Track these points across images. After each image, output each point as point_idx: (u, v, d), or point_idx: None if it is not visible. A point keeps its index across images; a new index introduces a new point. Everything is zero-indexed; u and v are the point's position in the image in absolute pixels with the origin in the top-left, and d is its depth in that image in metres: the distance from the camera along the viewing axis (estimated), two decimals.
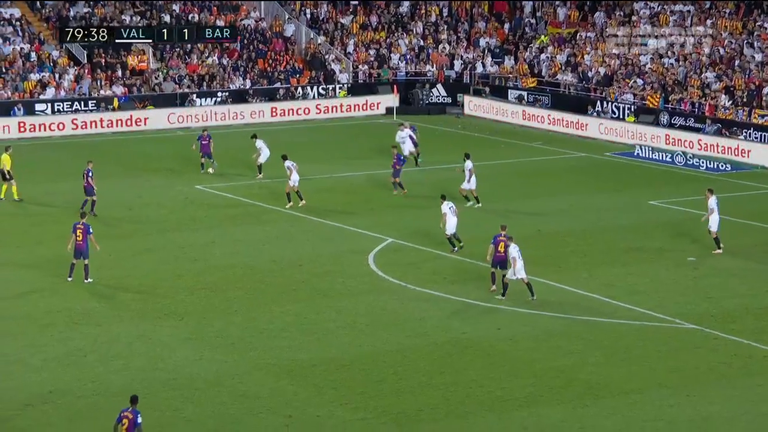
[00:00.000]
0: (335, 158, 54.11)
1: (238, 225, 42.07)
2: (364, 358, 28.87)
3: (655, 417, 25.30)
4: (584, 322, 31.55)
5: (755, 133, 55.63)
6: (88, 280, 34.57)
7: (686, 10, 67.90)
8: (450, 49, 72.33)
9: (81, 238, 34.42)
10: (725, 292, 34.19)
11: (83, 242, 34.40)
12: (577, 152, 57.12)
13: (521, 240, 38.01)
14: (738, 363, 28.69)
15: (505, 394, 26.59)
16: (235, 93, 66.28)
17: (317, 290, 34.37)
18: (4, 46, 65.35)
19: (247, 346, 29.51)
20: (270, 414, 25.41)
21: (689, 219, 43.16)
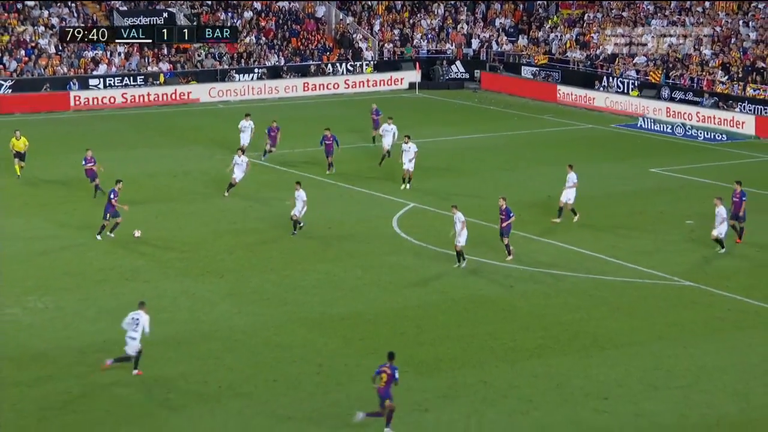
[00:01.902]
0: (361, 129, 53.96)
1: (272, 191, 42.08)
2: (388, 313, 28.91)
3: (654, 367, 25.26)
4: (590, 280, 31.48)
5: (749, 105, 55.16)
6: (99, 237, 34.64)
7: None
8: (468, 29, 71.86)
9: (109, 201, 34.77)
10: (720, 254, 33.97)
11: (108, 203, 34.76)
12: (585, 124, 56.79)
13: (533, 205, 37.92)
14: (731, 317, 28.60)
15: (517, 346, 26.60)
16: (270, 69, 66.12)
17: (345, 250, 34.39)
18: (61, 27, 65.29)
19: (281, 301, 29.60)
20: (302, 362, 25.50)
21: (687, 185, 42.99)
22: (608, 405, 23.08)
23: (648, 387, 24.07)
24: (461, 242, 32.00)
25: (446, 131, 53.45)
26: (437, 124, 56.15)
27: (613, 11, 69.04)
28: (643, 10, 67.54)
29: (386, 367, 22.04)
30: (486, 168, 46.25)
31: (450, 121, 56.87)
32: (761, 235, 35.72)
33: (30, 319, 28.32)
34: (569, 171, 37.15)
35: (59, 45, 63.75)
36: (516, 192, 41.37)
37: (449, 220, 37.22)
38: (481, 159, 48.02)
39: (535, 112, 59.98)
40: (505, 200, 33.10)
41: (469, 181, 43.69)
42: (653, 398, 23.57)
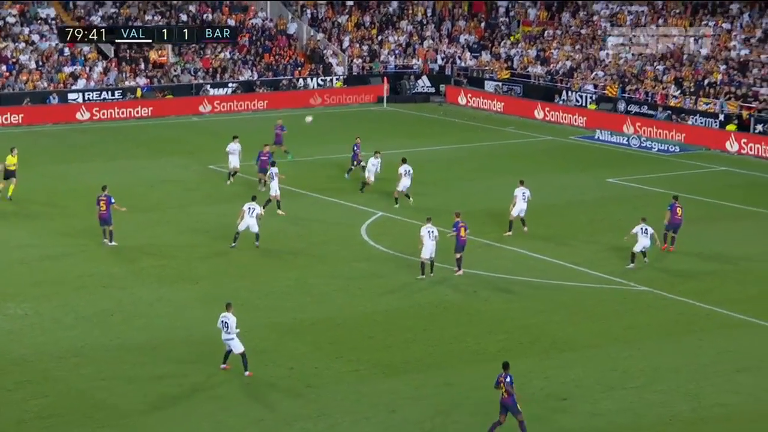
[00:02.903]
0: (333, 141, 53.94)
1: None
2: (356, 318, 28.85)
3: (611, 368, 25.34)
4: (550, 286, 31.55)
5: (701, 118, 55.58)
6: (113, 243, 34.57)
7: (641, 11, 67.69)
8: (433, 45, 72.04)
9: (104, 209, 34.49)
10: (673, 259, 34.18)
11: (106, 212, 34.49)
12: (545, 136, 57.02)
13: (496, 215, 38.00)
14: (683, 320, 28.74)
15: (480, 349, 26.61)
16: (244, 84, 65.98)
17: (315, 258, 34.31)
18: (41, 43, 64.92)
19: (253, 307, 29.48)
20: (274, 366, 25.39)
21: (642, 194, 43.21)
22: (567, 405, 23.12)
23: (605, 387, 24.13)
24: (430, 254, 31.62)
25: (413, 143, 53.50)
26: (404, 136, 56.20)
27: (571, 28, 69.44)
28: (600, 27, 67.94)
29: (503, 377, 21.68)
30: (451, 178, 46.29)
31: (416, 134, 56.94)
32: (710, 243, 35.97)
33: (9, 325, 28.05)
34: (521, 186, 36.75)
35: (40, 60, 63.36)
36: (479, 201, 41.49)
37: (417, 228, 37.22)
38: (446, 169, 48.08)
39: (497, 124, 60.13)
40: (458, 215, 32.44)
41: (434, 191, 43.70)
42: (610, 398, 23.64)
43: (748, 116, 53.86)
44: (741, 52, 59.13)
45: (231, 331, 24.55)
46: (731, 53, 59.47)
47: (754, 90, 55.32)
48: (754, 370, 25.19)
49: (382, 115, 64.01)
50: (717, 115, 54.87)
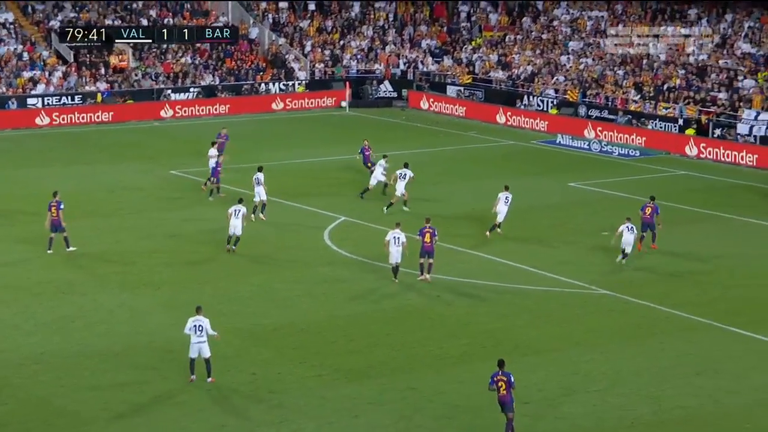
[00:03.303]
0: (294, 146, 53.88)
1: (208, 205, 41.77)
2: (319, 323, 28.81)
3: (573, 372, 25.47)
4: (513, 290, 31.67)
5: (660, 123, 56.07)
6: (70, 248, 34.22)
7: (601, 16, 68.21)
8: (395, 50, 72.16)
9: (56, 214, 34.14)
10: (634, 262, 34.42)
11: (57, 217, 34.12)
12: (507, 140, 57.26)
13: (459, 219, 38.11)
14: (644, 324, 28.95)
15: (443, 353, 26.65)
16: (205, 88, 65.73)
17: (278, 263, 34.22)
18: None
19: (216, 313, 29.21)
20: (236, 372, 25.28)
21: (604, 198, 43.51)
22: (530, 409, 23.19)
23: (567, 391, 24.25)
24: (395, 260, 31.56)
25: (376, 148, 53.40)
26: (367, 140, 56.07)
27: (532, 34, 69.83)
28: (561, 32, 68.39)
29: (501, 375, 21.78)
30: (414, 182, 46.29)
31: (379, 138, 56.87)
32: (672, 246, 36.27)
33: None
34: (505, 190, 36.92)
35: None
36: (442, 206, 41.58)
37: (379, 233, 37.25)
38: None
39: (460, 129, 60.31)
40: (428, 221, 32.32)
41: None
42: (572, 402, 23.76)
43: (706, 121, 54.41)
44: (699, 57, 59.73)
45: (204, 334, 24.33)
46: (690, 58, 60.06)
47: (713, 95, 55.90)
48: (713, 372, 25.42)
49: (344, 119, 64.02)
50: (676, 120, 55.38)
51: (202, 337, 24.41)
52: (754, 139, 51.90)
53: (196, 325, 24.47)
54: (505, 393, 21.72)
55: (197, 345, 24.46)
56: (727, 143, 52.06)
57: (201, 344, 24.46)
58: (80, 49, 64.90)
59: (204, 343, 24.45)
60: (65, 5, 68.72)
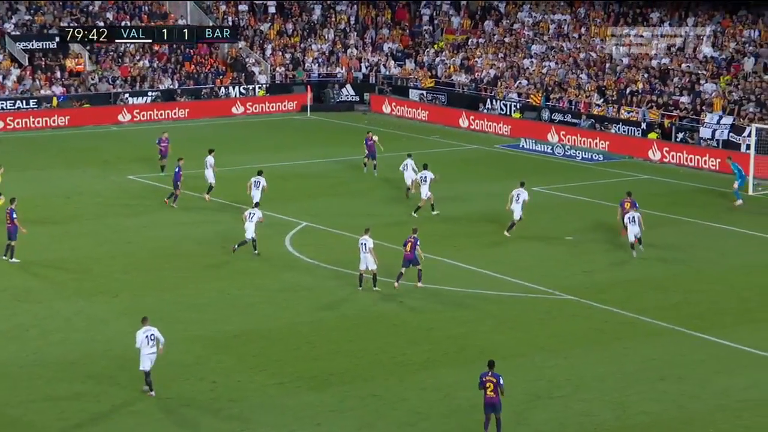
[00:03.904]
0: (255, 151, 53.73)
1: (167, 211, 41.56)
2: (281, 329, 28.73)
3: (537, 377, 25.57)
4: (477, 295, 31.75)
5: (623, 127, 56.49)
6: (13, 260, 33.82)
7: (563, 19, 68.64)
8: (357, 53, 72.20)
9: (9, 222, 33.83)
10: (597, 267, 34.67)
11: (12, 225, 33.82)
12: (470, 145, 57.42)
13: (422, 223, 38.14)
14: (608, 328, 29.12)
15: (406, 360, 26.66)
16: (164, 92, 65.42)
17: (239, 269, 34.10)
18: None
19: (175, 320, 29.17)
20: (196, 380, 25.15)
21: (567, 203, 43.72)
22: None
23: (531, 397, 24.33)
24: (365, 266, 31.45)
25: (338, 152, 53.51)
26: (328, 144, 56.21)
27: (495, 37, 70.12)
28: (524, 36, 68.74)
29: (490, 376, 21.91)
30: (375, 187, 46.38)
31: (341, 142, 56.95)
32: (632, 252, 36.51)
33: None
34: (520, 188, 37.65)
35: None
36: (407, 209, 41.61)
37: (341, 238, 37.20)
38: (371, 178, 48.14)
39: (423, 133, 60.41)
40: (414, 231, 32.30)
41: (358, 201, 43.77)
42: (536, 408, 23.84)
43: (669, 125, 54.88)
44: (661, 61, 60.25)
45: (156, 344, 24.12)
46: (652, 62, 60.57)
47: (675, 99, 56.39)
48: (676, 377, 25.60)
49: (305, 123, 63.95)
50: (639, 124, 55.80)
51: (154, 348, 24.12)
52: (716, 143, 52.40)
53: (148, 335, 24.10)
54: (493, 394, 21.85)
55: (150, 356, 24.08)
56: (689, 147, 52.53)
57: (153, 356, 24.10)
58: (35, 52, 64.39)
59: (155, 354, 24.10)
60: (19, 8, 68.13)
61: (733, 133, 51.97)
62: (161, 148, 47.03)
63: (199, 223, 39.77)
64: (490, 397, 21.92)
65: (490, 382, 21.94)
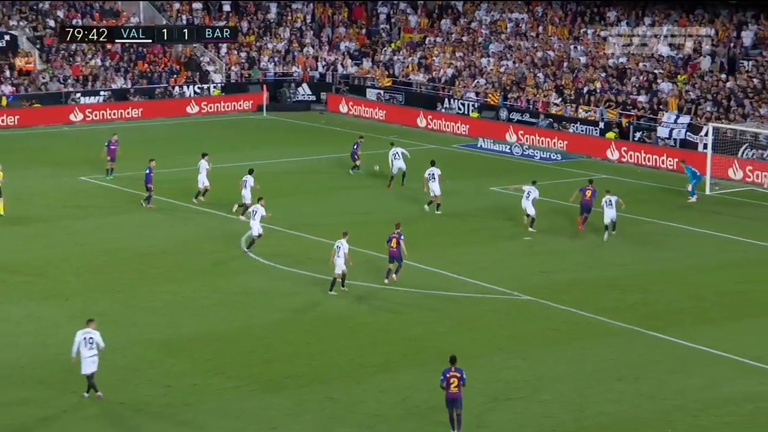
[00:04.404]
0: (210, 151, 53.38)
1: (120, 213, 41.27)
2: (236, 332, 28.63)
3: (495, 378, 25.67)
4: (434, 296, 31.82)
5: (581, 126, 56.87)
6: None
7: (521, 18, 68.98)
8: (314, 52, 72.09)
9: None
10: (556, 267, 34.87)
11: None
12: (428, 144, 57.49)
13: (382, 225, 38.16)
14: (566, 329, 29.30)
15: (363, 362, 26.66)
16: (116, 92, 64.93)
17: (193, 271, 33.93)
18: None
19: (128, 323, 28.98)
20: (149, 384, 24.99)
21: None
22: None
23: (489, 399, 24.42)
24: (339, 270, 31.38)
25: (294, 152, 53.38)
26: (285, 144, 56.08)
27: (452, 36, 70.32)
28: (481, 35, 68.98)
29: (454, 372, 22.00)
30: (334, 187, 46.34)
31: (298, 142, 56.87)
32: (592, 251, 36.80)
33: None
34: (531, 185, 39.10)
35: None
36: (363, 210, 41.63)
37: (297, 239, 37.14)
38: (328, 179, 48.10)
39: (380, 132, 60.42)
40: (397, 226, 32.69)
41: (317, 200, 43.70)
42: (494, 409, 23.93)
43: (627, 124, 55.32)
44: (619, 60, 60.73)
45: (95, 347, 23.90)
46: (609, 61, 61.02)
47: (633, 98, 56.86)
48: (634, 378, 25.80)
49: (261, 123, 63.76)
50: (597, 123, 56.21)
51: (93, 350, 23.87)
52: (674, 143, 52.90)
53: (86, 338, 23.85)
54: (456, 390, 21.98)
55: (89, 360, 23.81)
56: (647, 147, 52.98)
57: (93, 359, 23.86)
58: None
59: (96, 357, 23.90)
60: None
61: (690, 132, 52.50)
62: (110, 151, 46.66)
63: (152, 224, 39.51)
64: (454, 393, 22.07)
65: (454, 377, 22.11)
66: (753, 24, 58.38)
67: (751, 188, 47.02)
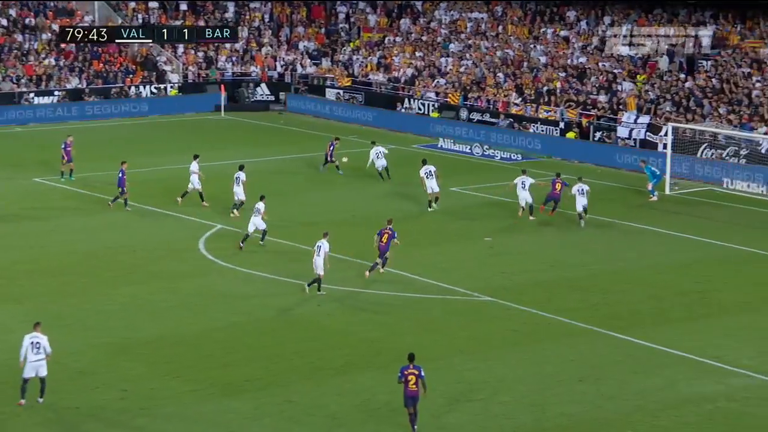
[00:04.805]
0: (168, 152, 53.14)
1: (75, 214, 40.91)
2: (194, 335, 28.46)
3: (456, 380, 25.70)
4: (395, 297, 31.81)
5: (542, 126, 57.12)
6: None
7: (480, 18, 69.18)
8: (272, 52, 71.88)
9: None
10: (516, 268, 34.98)
11: None
12: (388, 144, 57.43)
13: (340, 224, 38.11)
14: (527, 330, 29.40)
15: (323, 364, 26.60)
16: (71, 92, 64.37)
17: (151, 273, 33.70)
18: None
19: (83, 326, 28.72)
20: (105, 388, 24.77)
21: (486, 203, 44.03)
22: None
23: (450, 400, 24.45)
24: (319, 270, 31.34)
25: (253, 152, 53.18)
26: (243, 145, 55.85)
27: (412, 35, 70.39)
28: (441, 34, 69.12)
29: (412, 369, 22.11)
30: (294, 188, 46.21)
31: (257, 143, 56.68)
32: (552, 251, 36.97)
33: None
34: (523, 174, 40.91)
35: None
36: (321, 212, 41.55)
37: (256, 241, 36.96)
38: (288, 180, 47.97)
39: (340, 133, 60.32)
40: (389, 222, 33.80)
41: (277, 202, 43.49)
42: (455, 411, 23.96)
43: (587, 124, 55.64)
44: (579, 60, 61.08)
45: (42, 351, 23.61)
46: (569, 61, 61.37)
47: (593, 98, 57.20)
48: (595, 378, 25.94)
49: (219, 123, 63.45)
50: (557, 123, 56.49)
51: (40, 355, 23.62)
52: (634, 143, 53.28)
53: (33, 342, 23.61)
54: (414, 387, 22.10)
55: (34, 364, 23.56)
56: (607, 146, 53.29)
57: (39, 363, 23.61)
58: None
59: (42, 361, 23.66)
60: None
61: (650, 132, 52.89)
62: (66, 152, 46.24)
63: (108, 226, 39.21)
64: (412, 391, 22.19)
65: (412, 374, 22.22)
66: (711, 24, 58.92)
67: (710, 188, 47.45)
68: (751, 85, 53.11)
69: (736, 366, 26.66)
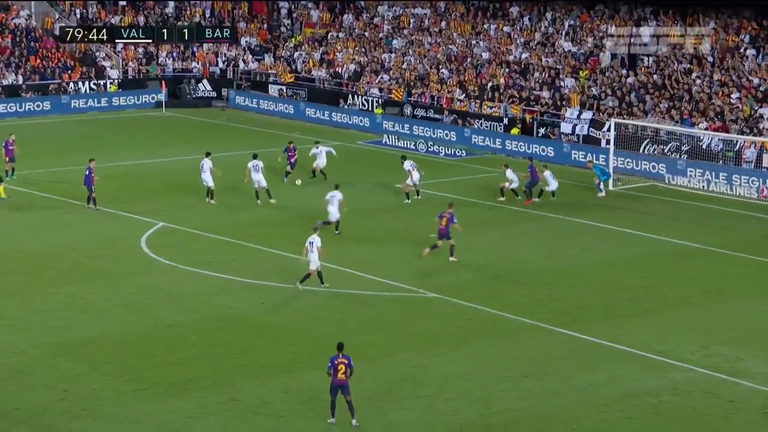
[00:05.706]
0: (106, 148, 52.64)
1: (14, 212, 40.39)
2: (137, 334, 28.26)
3: (402, 377, 25.78)
4: (341, 295, 31.82)
5: (486, 122, 57.43)
6: None
7: (424, 14, 69.39)
8: (213, 48, 71.49)
9: None
10: (462, 264, 35.14)
11: None
12: (332, 141, 57.43)
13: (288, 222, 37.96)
14: (473, 326, 29.57)
15: (268, 363, 26.56)
16: (7, 88, 63.52)
17: (92, 272, 33.40)
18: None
19: (23, 326, 28.40)
20: (46, 389, 24.52)
21: (430, 199, 44.13)
22: (358, 417, 23.32)
23: (396, 397, 24.53)
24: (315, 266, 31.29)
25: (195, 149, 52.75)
26: (185, 142, 55.50)
27: (355, 31, 70.42)
28: (384, 30, 69.20)
29: (342, 359, 22.43)
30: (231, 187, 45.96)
31: (199, 140, 56.29)
32: (496, 247, 37.22)
33: None
34: (505, 169, 43.51)
35: None
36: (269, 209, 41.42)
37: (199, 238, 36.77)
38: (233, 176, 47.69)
39: (283, 129, 60.22)
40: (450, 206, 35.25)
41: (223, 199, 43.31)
42: (401, 408, 24.05)
43: (531, 120, 56.06)
44: (522, 56, 61.49)
45: None
46: (512, 57, 61.76)
47: (536, 93, 57.63)
48: (540, 374, 26.15)
49: (160, 120, 63.01)
50: (501, 119, 56.83)
51: None
52: (577, 138, 53.78)
53: None
54: (343, 377, 22.44)
55: None
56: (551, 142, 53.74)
57: None
58: None
59: None
60: None
61: (593, 128, 53.42)
62: (8, 151, 45.64)
63: (48, 225, 38.78)
64: (341, 380, 22.57)
65: (342, 364, 22.60)
66: (652, 20, 59.63)
67: (653, 183, 48.02)
68: (692, 81, 53.87)
69: (679, 360, 27.05)
